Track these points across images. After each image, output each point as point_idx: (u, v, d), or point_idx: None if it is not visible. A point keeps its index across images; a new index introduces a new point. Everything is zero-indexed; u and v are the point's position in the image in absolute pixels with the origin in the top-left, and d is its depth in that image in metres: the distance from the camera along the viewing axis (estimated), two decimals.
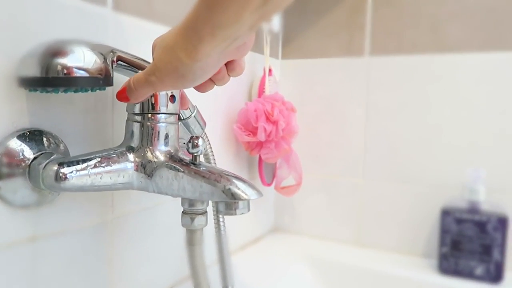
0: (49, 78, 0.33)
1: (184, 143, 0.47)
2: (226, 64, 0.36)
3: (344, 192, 0.81)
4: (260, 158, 0.74)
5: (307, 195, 0.84)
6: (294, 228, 0.87)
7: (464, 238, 0.64)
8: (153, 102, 0.40)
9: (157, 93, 0.39)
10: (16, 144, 0.36)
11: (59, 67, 0.33)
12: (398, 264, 0.71)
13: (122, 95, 0.36)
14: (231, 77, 0.38)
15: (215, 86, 0.38)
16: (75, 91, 0.35)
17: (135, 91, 0.35)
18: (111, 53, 0.38)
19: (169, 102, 0.40)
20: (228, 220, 0.70)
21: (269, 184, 0.78)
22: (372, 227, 0.78)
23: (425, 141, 0.73)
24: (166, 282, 0.56)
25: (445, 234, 0.66)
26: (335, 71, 0.80)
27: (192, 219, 0.39)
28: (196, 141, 0.38)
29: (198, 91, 0.38)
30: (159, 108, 0.40)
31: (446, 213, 0.66)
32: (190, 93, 0.45)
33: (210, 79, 0.36)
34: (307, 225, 0.85)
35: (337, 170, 0.81)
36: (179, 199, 0.41)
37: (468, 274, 0.64)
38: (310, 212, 0.85)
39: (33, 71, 0.34)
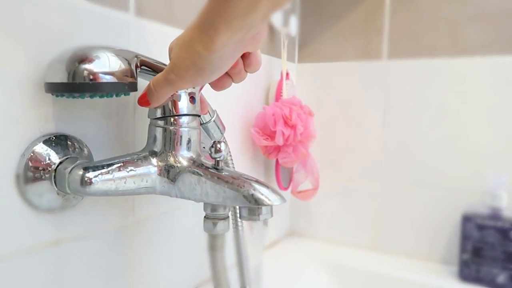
0: (76, 84, 0.34)
1: (204, 148, 0.47)
2: (243, 59, 0.36)
3: (361, 197, 0.80)
4: (277, 162, 0.73)
5: (323, 199, 0.83)
6: (310, 232, 0.86)
7: (486, 245, 0.63)
8: (173, 105, 0.40)
9: (177, 95, 0.40)
10: (42, 149, 0.36)
11: (85, 73, 0.34)
12: (416, 270, 0.70)
13: (143, 100, 0.36)
14: (248, 76, 0.38)
15: (232, 84, 0.38)
16: (101, 97, 0.36)
17: (156, 92, 0.35)
18: (135, 58, 0.38)
19: (189, 104, 0.40)
20: (244, 223, 0.70)
21: (285, 188, 0.78)
22: (389, 232, 0.77)
23: (445, 146, 0.72)
24: (185, 286, 0.56)
25: (466, 240, 0.64)
26: (352, 75, 0.80)
27: (215, 224, 0.39)
28: (219, 146, 0.38)
29: (216, 89, 0.38)
30: (180, 110, 0.40)
31: (467, 219, 0.64)
32: (209, 98, 0.45)
33: (228, 74, 0.36)
34: (323, 230, 0.85)
35: (354, 174, 0.81)
36: (199, 204, 0.41)
37: (490, 282, 0.63)
38: (326, 216, 0.84)
39: (60, 77, 0.34)
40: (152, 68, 0.40)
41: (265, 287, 0.65)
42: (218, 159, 0.38)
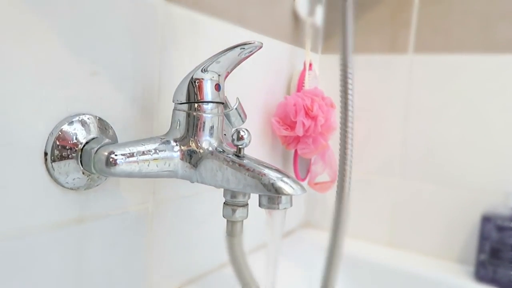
0: None
1: (225, 135, 0.47)
2: None
3: (378, 191, 0.80)
4: (296, 152, 0.73)
5: None
6: (325, 224, 0.86)
7: (504, 246, 0.62)
8: (198, 91, 0.40)
9: (202, 82, 0.40)
10: (70, 128, 0.37)
11: None
12: (432, 267, 0.70)
13: None
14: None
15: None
16: None
17: None
18: None
19: (214, 91, 0.41)
20: (261, 213, 0.70)
21: (303, 179, 0.78)
22: (406, 229, 0.77)
23: (468, 144, 0.71)
24: (200, 269, 0.57)
25: (484, 241, 0.63)
26: (376, 68, 0.79)
27: (234, 211, 0.40)
28: (242, 134, 0.38)
29: None
30: (204, 96, 0.40)
31: (487, 220, 0.63)
32: (230, 86, 0.45)
33: None
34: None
35: (373, 168, 0.80)
36: (217, 190, 0.41)
37: (507, 284, 0.62)
38: None
39: None
40: None
41: (278, 275, 0.66)
42: (240, 146, 0.38)
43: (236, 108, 0.49)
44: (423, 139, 0.74)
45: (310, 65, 0.73)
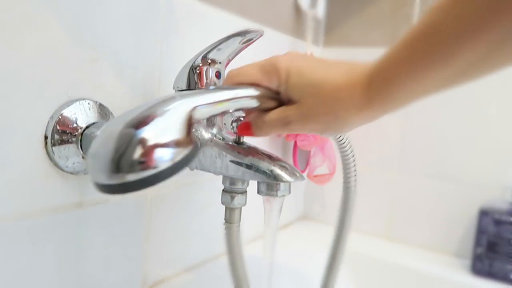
0: (123, 185, 0.25)
1: (225, 124, 0.47)
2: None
3: (377, 185, 0.80)
4: (295, 144, 0.74)
5: (338, 185, 0.83)
6: (323, 217, 0.87)
7: (501, 240, 0.62)
8: (199, 78, 0.40)
9: (202, 69, 0.40)
10: (70, 113, 0.37)
11: (135, 166, 0.24)
12: (428, 261, 0.70)
13: (245, 131, 0.35)
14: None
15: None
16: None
17: (263, 132, 0.34)
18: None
19: (215, 78, 0.41)
20: (259, 204, 0.70)
21: (302, 171, 0.78)
22: (404, 223, 0.77)
23: (467, 139, 0.71)
24: (197, 258, 0.58)
25: (481, 234, 0.64)
26: None
27: (232, 198, 0.40)
28: (242, 121, 0.38)
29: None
30: (205, 84, 0.40)
31: (484, 214, 0.64)
32: None
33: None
34: (337, 216, 0.85)
35: (372, 162, 0.80)
36: (215, 180, 0.41)
37: (503, 277, 0.62)
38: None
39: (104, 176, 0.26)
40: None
41: (275, 267, 0.66)
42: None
43: None
44: (422, 134, 0.75)
45: None
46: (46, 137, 0.36)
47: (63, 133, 0.37)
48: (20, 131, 0.35)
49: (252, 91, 0.33)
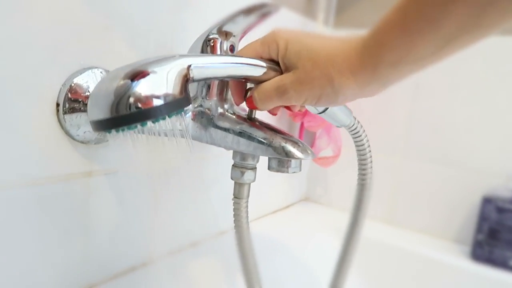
0: (120, 117, 0.28)
1: None
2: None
3: (381, 170, 0.80)
4: (302, 125, 0.73)
5: (342, 168, 0.83)
6: (325, 200, 0.87)
7: (503, 227, 0.63)
8: (212, 52, 0.39)
9: (216, 42, 0.39)
10: (82, 81, 0.37)
11: (131, 100, 0.27)
12: (428, 246, 0.71)
13: (249, 104, 0.36)
14: None
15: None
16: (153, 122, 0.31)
17: (263, 104, 0.34)
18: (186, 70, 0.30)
19: (229, 52, 0.40)
20: (263, 185, 0.71)
21: None
22: (406, 207, 0.77)
23: (473, 126, 0.71)
24: (203, 233, 0.58)
25: (483, 221, 0.64)
26: None
27: (242, 173, 0.40)
28: None
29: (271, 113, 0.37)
30: None
31: (487, 201, 0.64)
32: None
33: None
34: (338, 198, 0.86)
35: (377, 147, 0.80)
36: (223, 156, 0.41)
37: (502, 264, 0.63)
38: (343, 185, 0.85)
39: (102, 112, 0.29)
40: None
41: (274, 247, 0.67)
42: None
43: None
44: (429, 119, 0.74)
45: None
46: (58, 105, 0.36)
47: (74, 101, 0.37)
48: (33, 98, 0.34)
49: (252, 60, 0.33)
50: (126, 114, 0.27)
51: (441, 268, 0.66)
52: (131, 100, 0.27)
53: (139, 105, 0.27)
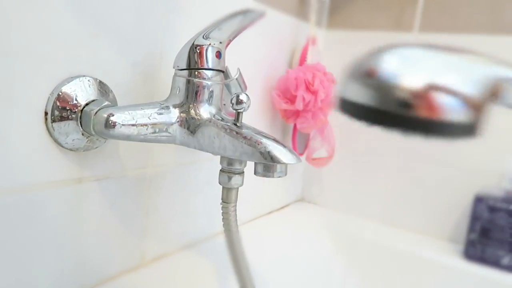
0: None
1: (225, 105, 0.47)
2: None
3: (375, 170, 0.80)
4: (295, 127, 0.74)
5: (337, 168, 0.84)
6: (320, 200, 0.87)
7: (495, 226, 0.63)
8: (199, 57, 0.40)
9: (203, 48, 0.40)
10: (70, 89, 0.37)
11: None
12: (422, 245, 0.71)
13: None
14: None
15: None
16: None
17: None
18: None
19: (215, 58, 0.41)
20: (258, 186, 0.71)
21: (300, 154, 0.78)
22: (399, 207, 0.78)
23: None
24: (194, 236, 0.59)
25: (475, 220, 0.65)
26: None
27: (230, 178, 0.40)
28: (241, 98, 0.38)
29: None
30: (205, 63, 0.40)
31: (479, 200, 0.64)
32: (232, 57, 0.45)
33: None
34: (334, 199, 0.86)
35: (371, 146, 0.80)
36: (213, 160, 0.42)
37: (494, 263, 0.63)
38: (338, 186, 0.85)
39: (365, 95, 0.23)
40: None
41: (269, 247, 0.67)
42: (239, 110, 0.38)
43: (236, 78, 0.49)
44: None
45: (314, 40, 0.72)
46: (46, 113, 0.37)
47: (63, 110, 0.37)
48: (21, 106, 0.35)
49: None
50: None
51: (434, 267, 0.67)
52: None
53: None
